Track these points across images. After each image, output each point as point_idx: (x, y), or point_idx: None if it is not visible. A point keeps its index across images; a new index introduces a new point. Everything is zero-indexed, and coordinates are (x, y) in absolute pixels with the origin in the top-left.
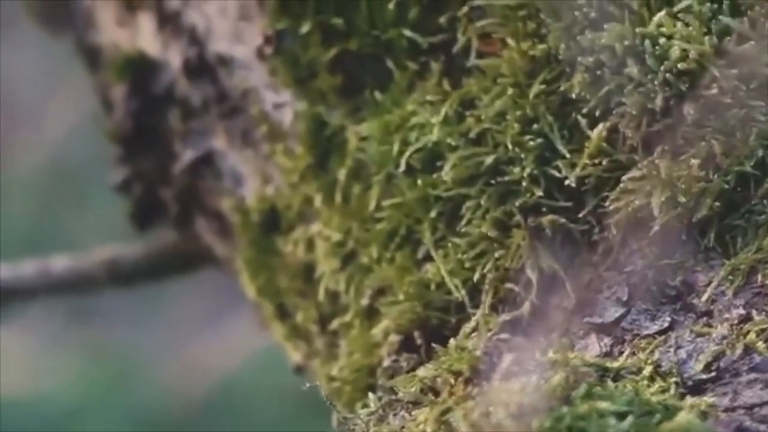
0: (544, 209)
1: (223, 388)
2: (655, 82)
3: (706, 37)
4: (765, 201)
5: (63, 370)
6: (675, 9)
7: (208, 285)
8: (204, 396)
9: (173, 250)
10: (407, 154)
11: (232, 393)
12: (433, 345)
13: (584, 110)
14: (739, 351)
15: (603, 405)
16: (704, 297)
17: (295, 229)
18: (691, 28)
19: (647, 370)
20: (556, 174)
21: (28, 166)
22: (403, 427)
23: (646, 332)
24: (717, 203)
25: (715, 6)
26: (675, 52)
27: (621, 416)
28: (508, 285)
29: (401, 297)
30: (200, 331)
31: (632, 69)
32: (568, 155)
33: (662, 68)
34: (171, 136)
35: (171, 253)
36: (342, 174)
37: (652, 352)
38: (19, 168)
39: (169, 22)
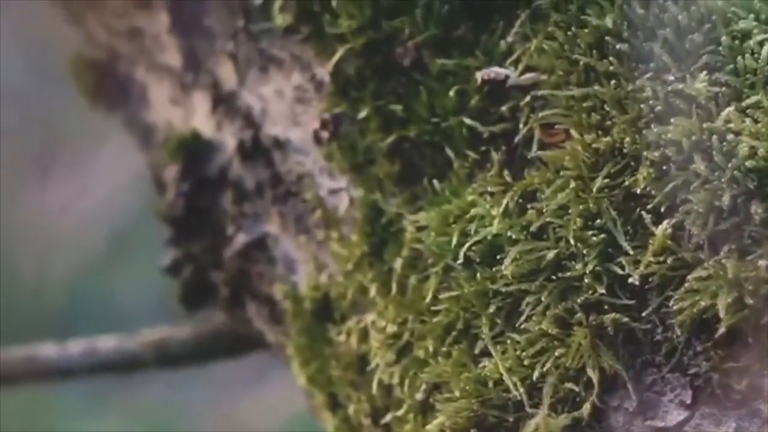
0: (606, 307)
1: None
2: (723, 180)
3: None
4: None
5: (103, 429)
6: (743, 104)
7: None
8: None
9: (222, 332)
10: (466, 246)
11: None
12: None
13: (649, 206)
14: None
15: None
16: None
17: (349, 319)
18: (760, 125)
19: None
20: (619, 271)
21: (73, 224)
22: None
23: None
24: None
25: None
26: (743, 149)
27: None
28: (569, 384)
29: (457, 393)
30: (243, 390)
31: (699, 165)
32: (631, 252)
33: (730, 165)
34: (223, 219)
35: (220, 336)
36: (398, 264)
37: None
38: (65, 226)
39: (224, 103)
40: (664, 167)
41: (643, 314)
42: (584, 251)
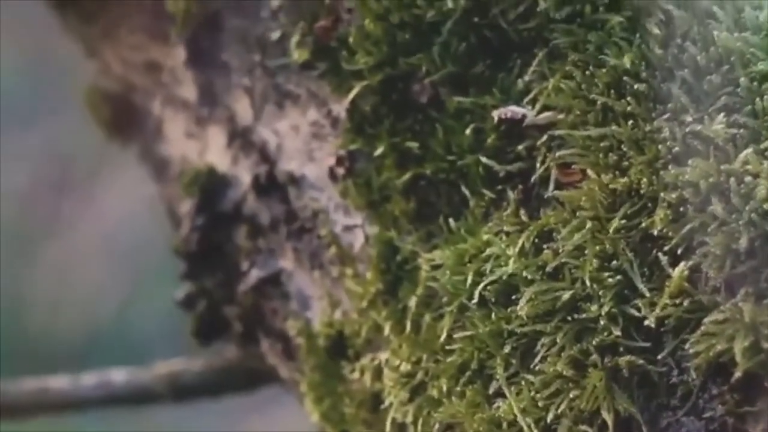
0: (621, 349)
1: None
2: (740, 222)
3: None
4: None
5: None
6: (762, 146)
7: None
8: None
9: (235, 366)
10: (481, 285)
11: None
12: None
13: (666, 248)
14: None
15: None
16: None
17: (363, 357)
18: None
19: None
20: (635, 313)
21: (83, 246)
22: None
23: None
24: None
25: None
26: (761, 191)
27: None
28: (583, 426)
29: None
30: (248, 417)
31: (716, 207)
32: (647, 294)
33: (747, 208)
34: (237, 254)
35: (233, 370)
36: (413, 302)
37: None
38: (74, 246)
39: (239, 137)
40: (682, 209)
41: (659, 357)
42: (600, 292)
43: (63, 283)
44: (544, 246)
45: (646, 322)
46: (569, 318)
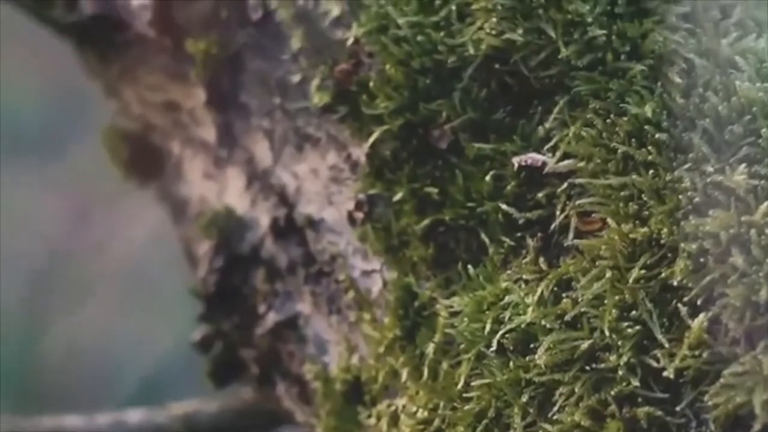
0: (640, 400)
1: None
2: (760, 274)
3: None
4: None
5: None
6: None
7: None
8: None
9: (251, 408)
10: (500, 333)
11: None
12: None
13: (685, 298)
14: None
15: None
16: None
17: (380, 402)
18: None
19: None
20: (654, 364)
21: (100, 269)
22: None
23: None
24: None
25: None
26: None
27: None
28: None
29: None
30: None
31: (737, 259)
32: (667, 345)
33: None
34: (255, 297)
35: (249, 412)
36: (430, 349)
37: None
38: (91, 270)
39: (258, 180)
40: (702, 260)
41: (677, 408)
42: (619, 342)
43: (82, 311)
44: (563, 295)
45: (665, 373)
46: (588, 368)
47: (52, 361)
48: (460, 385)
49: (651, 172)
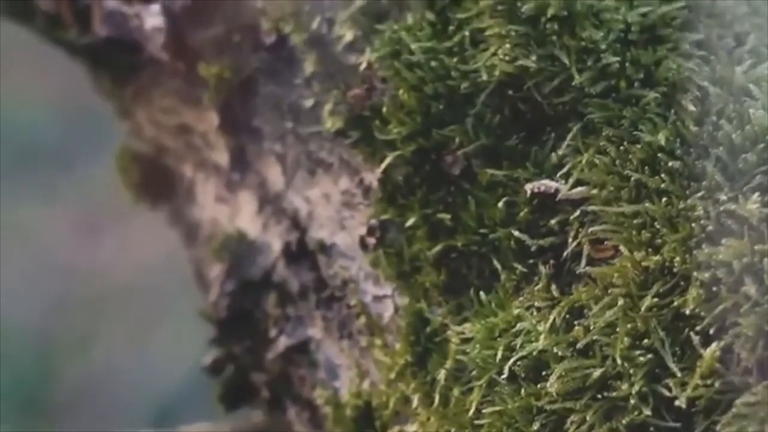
0: (651, 429)
1: None
2: None
3: None
4: None
5: None
6: None
7: None
8: None
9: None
10: (511, 360)
11: None
12: None
13: (698, 327)
14: None
15: None
16: None
17: (390, 428)
18: None
19: None
20: (666, 393)
21: (111, 287)
22: None
23: None
24: None
25: None
26: None
27: None
28: None
29: None
30: None
31: (749, 288)
32: (679, 374)
33: None
34: (266, 321)
35: None
36: (441, 375)
37: None
38: (102, 283)
39: (270, 204)
40: (714, 288)
41: None
42: (631, 371)
43: (93, 327)
44: (575, 322)
45: (677, 402)
46: (599, 396)
47: (61, 382)
48: (471, 412)
49: (664, 200)
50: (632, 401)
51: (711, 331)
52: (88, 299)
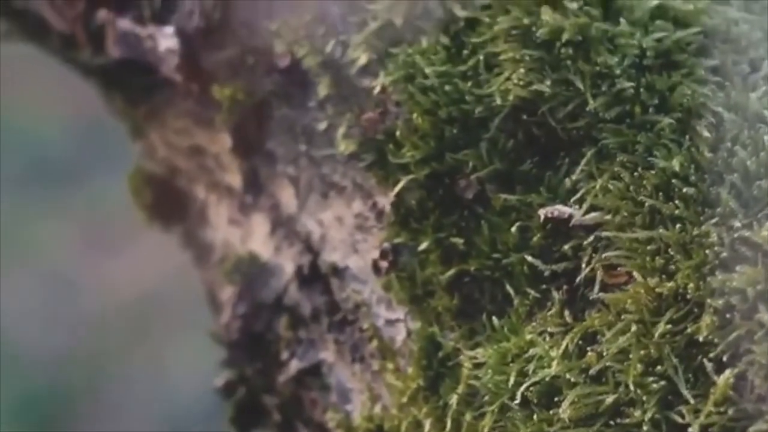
0: None
1: None
2: None
3: None
4: None
5: None
6: None
7: None
8: None
9: None
10: (524, 386)
11: None
12: None
13: (711, 354)
14: None
15: None
16: None
17: None
18: None
19: None
20: (679, 420)
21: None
22: None
23: None
24: None
25: None
26: None
27: None
28: None
29: None
30: None
31: (764, 315)
32: (692, 401)
33: None
34: (278, 344)
35: None
36: (454, 400)
37: None
38: (113, 299)
39: (283, 226)
40: (728, 315)
41: None
42: (644, 398)
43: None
44: (588, 348)
45: (690, 430)
46: (612, 422)
47: (71, 399)
48: None
49: (678, 226)
50: (645, 428)
51: (724, 358)
52: (98, 315)
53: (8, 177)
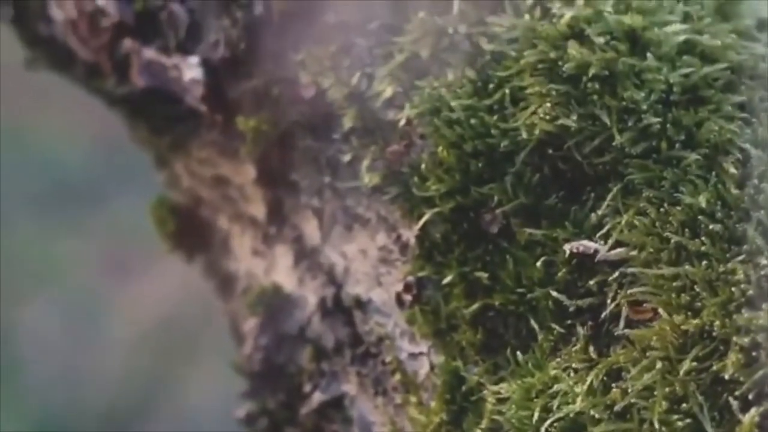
0: None
1: None
2: None
3: None
4: None
5: None
6: None
7: None
8: None
9: None
10: (548, 422)
11: None
12: None
13: (737, 392)
14: None
15: None
16: None
17: None
18: None
19: None
20: None
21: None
22: None
23: None
24: None
25: None
26: None
27: None
28: None
29: None
30: None
31: None
32: None
33: None
34: (300, 376)
35: None
36: None
37: None
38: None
39: (306, 258)
40: (754, 354)
41: None
42: None
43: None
44: (613, 384)
45: None
46: None
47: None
48: None
49: (704, 263)
50: None
51: (750, 396)
52: (118, 339)
53: (31, 199)
